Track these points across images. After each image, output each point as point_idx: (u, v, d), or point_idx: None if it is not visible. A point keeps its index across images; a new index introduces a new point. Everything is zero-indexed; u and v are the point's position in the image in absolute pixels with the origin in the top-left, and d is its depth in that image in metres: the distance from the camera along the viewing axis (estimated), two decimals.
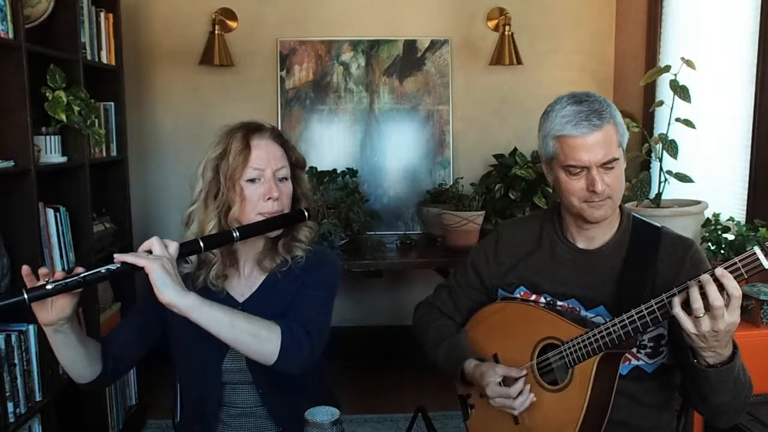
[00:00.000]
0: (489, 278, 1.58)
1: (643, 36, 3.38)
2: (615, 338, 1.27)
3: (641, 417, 1.42)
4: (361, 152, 3.68)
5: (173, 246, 1.24)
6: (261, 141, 1.41)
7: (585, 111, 1.34)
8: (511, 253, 1.55)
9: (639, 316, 1.24)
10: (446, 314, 1.65)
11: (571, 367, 1.35)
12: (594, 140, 1.33)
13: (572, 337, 1.34)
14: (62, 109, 2.30)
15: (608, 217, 1.41)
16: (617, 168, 1.36)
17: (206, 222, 1.39)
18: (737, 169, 2.57)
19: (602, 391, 1.32)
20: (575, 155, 1.35)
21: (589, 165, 1.34)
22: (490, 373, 1.40)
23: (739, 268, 1.13)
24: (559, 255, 1.48)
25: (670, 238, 1.42)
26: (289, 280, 1.45)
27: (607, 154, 1.33)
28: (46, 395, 2.17)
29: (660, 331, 1.37)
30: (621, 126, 1.37)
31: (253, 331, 1.27)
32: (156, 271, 1.17)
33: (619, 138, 1.36)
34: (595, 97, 1.37)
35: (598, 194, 1.35)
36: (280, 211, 1.41)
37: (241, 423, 1.48)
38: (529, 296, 1.50)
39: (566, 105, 1.37)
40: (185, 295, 1.20)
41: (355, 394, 3.28)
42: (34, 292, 1.14)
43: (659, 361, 1.40)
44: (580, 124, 1.33)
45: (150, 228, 3.63)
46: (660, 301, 1.22)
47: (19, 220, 2.11)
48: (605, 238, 1.44)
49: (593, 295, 1.41)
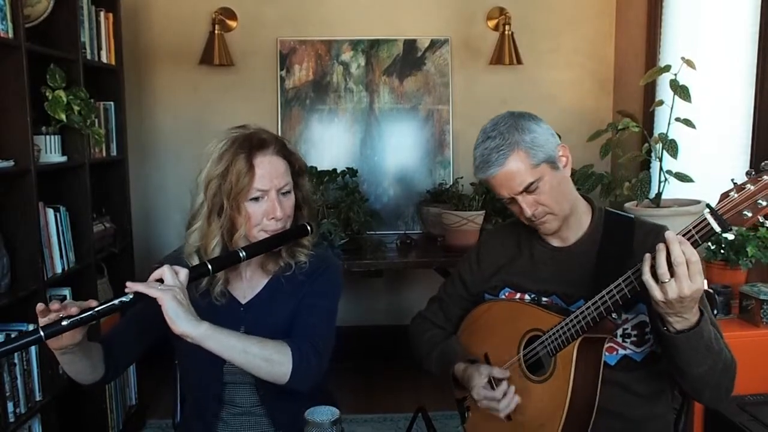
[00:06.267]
0: (473, 285, 1.62)
1: (643, 36, 3.38)
2: (590, 320, 1.30)
3: (634, 407, 1.43)
4: (361, 152, 3.68)
5: (183, 273, 1.24)
6: (265, 158, 1.38)
7: (487, 151, 1.38)
8: (493, 259, 1.59)
9: (609, 295, 1.28)
10: (437, 325, 1.69)
11: (553, 355, 1.37)
12: (502, 177, 1.38)
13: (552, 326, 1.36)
14: (62, 108, 2.30)
15: (557, 229, 1.44)
16: (542, 186, 1.37)
17: (209, 239, 1.39)
18: (737, 169, 2.57)
19: (586, 376, 1.34)
20: (496, 191, 1.42)
21: (511, 196, 1.39)
22: (474, 376, 1.44)
23: (693, 235, 1.18)
24: (538, 256, 1.52)
25: (644, 227, 1.45)
26: (293, 285, 1.46)
27: (519, 184, 1.37)
28: (46, 395, 2.17)
29: (642, 319, 1.40)
30: (535, 146, 1.36)
31: (265, 355, 1.29)
32: (169, 303, 1.17)
33: (531, 160, 1.36)
34: (497, 130, 1.38)
35: (533, 216, 1.40)
36: (284, 227, 1.41)
37: (241, 422, 1.48)
38: (513, 295, 1.53)
39: (479, 143, 1.42)
40: (198, 325, 1.21)
41: (355, 394, 3.28)
42: (50, 329, 1.15)
43: (647, 350, 1.42)
44: (483, 166, 1.39)
45: (150, 228, 3.64)
46: (626, 278, 1.25)
47: (19, 220, 2.11)
48: (578, 234, 1.48)
49: (572, 290, 1.44)
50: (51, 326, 1.15)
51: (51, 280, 2.24)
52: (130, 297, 1.19)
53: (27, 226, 2.12)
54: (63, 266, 2.36)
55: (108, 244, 2.79)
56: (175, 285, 1.21)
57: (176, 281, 1.21)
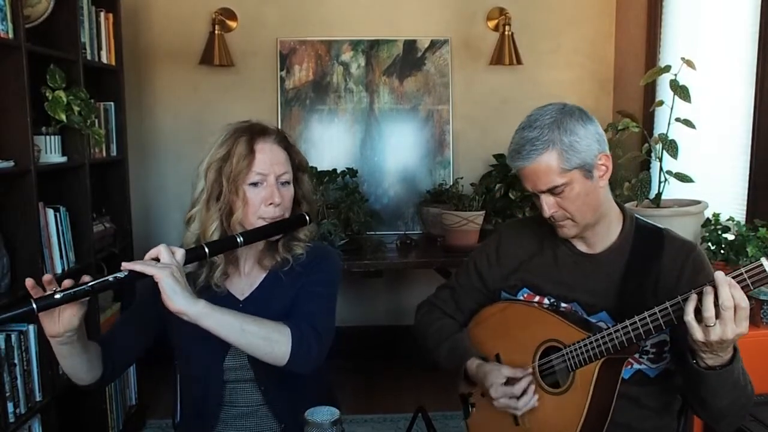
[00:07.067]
0: (491, 281, 1.57)
1: (643, 36, 3.38)
2: (617, 344, 1.27)
3: (643, 419, 1.41)
4: (361, 152, 3.68)
5: (180, 253, 1.23)
6: (266, 145, 1.40)
7: (523, 141, 1.33)
8: (513, 255, 1.54)
9: (642, 323, 1.23)
10: (448, 314, 1.64)
11: (572, 371, 1.34)
12: (530, 171, 1.33)
13: (575, 341, 1.33)
14: (62, 109, 2.30)
15: (574, 236, 1.40)
16: (568, 192, 1.32)
17: (208, 224, 1.39)
18: (737, 169, 2.57)
19: (603, 395, 1.32)
20: (522, 181, 1.38)
21: (533, 191, 1.36)
22: (494, 373, 1.40)
23: (745, 279, 1.12)
24: (561, 258, 1.47)
25: (673, 243, 1.39)
26: (291, 277, 1.46)
27: (545, 183, 1.32)
28: (46, 395, 2.17)
29: (663, 337, 1.37)
30: (572, 149, 1.30)
31: (263, 334, 1.28)
32: (166, 280, 1.17)
33: (563, 164, 1.30)
34: (541, 121, 1.32)
35: (551, 217, 1.36)
36: (282, 215, 1.41)
37: (241, 422, 1.47)
38: (532, 297, 1.49)
39: (519, 128, 1.37)
40: (195, 303, 1.20)
41: (355, 394, 3.28)
42: (42, 301, 1.13)
43: (662, 366, 1.39)
44: (515, 155, 1.34)
45: (150, 228, 3.64)
46: (664, 309, 1.21)
47: (19, 220, 2.11)
48: (606, 243, 1.42)
49: (595, 301, 1.41)
50: (43, 299, 1.14)
51: None
52: (124, 274, 1.17)
53: (27, 226, 2.12)
54: (63, 266, 2.36)
55: (108, 244, 2.79)
56: (172, 263, 1.20)
57: (173, 260, 1.21)
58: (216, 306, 1.24)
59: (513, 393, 1.36)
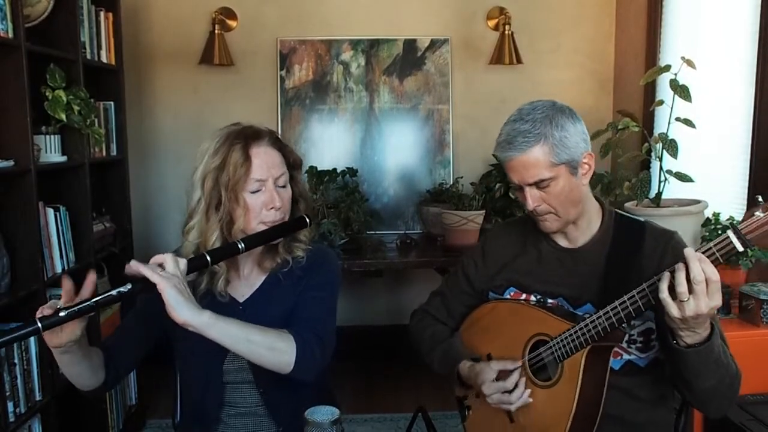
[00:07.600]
0: (478, 282, 1.60)
1: (643, 36, 3.38)
2: (600, 330, 1.29)
3: (636, 411, 1.42)
4: (361, 152, 3.68)
5: (182, 263, 1.23)
6: (260, 149, 1.39)
7: (514, 132, 1.35)
8: (497, 256, 1.58)
9: (622, 307, 1.26)
10: (440, 320, 1.67)
11: (560, 362, 1.36)
12: (519, 163, 1.36)
13: (561, 332, 1.35)
14: (62, 108, 2.30)
15: (555, 230, 1.43)
16: (553, 186, 1.35)
17: (209, 233, 1.38)
18: (737, 168, 2.57)
19: (593, 384, 1.33)
20: (508, 174, 1.41)
21: (519, 183, 1.38)
22: (485, 371, 1.42)
23: (714, 252, 1.16)
24: (544, 255, 1.50)
25: (654, 233, 1.43)
26: (291, 280, 1.46)
27: (532, 176, 1.35)
28: (46, 395, 2.17)
29: (649, 326, 1.39)
30: (562, 145, 1.33)
31: (268, 344, 1.28)
32: (169, 291, 1.17)
33: (553, 158, 1.33)
34: (533, 115, 1.35)
35: (534, 210, 1.39)
36: (282, 218, 1.41)
37: (241, 423, 1.47)
38: (519, 296, 1.51)
39: (510, 121, 1.39)
40: (200, 314, 1.20)
41: (355, 394, 3.28)
42: (48, 320, 1.14)
43: (651, 356, 1.41)
44: (505, 146, 1.37)
45: (150, 228, 3.64)
46: (641, 290, 1.24)
47: (19, 219, 2.11)
48: (587, 237, 1.46)
49: (579, 293, 1.43)
50: (48, 318, 1.14)
51: (51, 280, 2.24)
52: (128, 287, 1.18)
53: (27, 226, 2.12)
54: (63, 266, 2.36)
55: (108, 244, 2.79)
56: (176, 274, 1.20)
57: (177, 270, 1.20)
58: (221, 316, 1.24)
59: (505, 387, 1.38)
